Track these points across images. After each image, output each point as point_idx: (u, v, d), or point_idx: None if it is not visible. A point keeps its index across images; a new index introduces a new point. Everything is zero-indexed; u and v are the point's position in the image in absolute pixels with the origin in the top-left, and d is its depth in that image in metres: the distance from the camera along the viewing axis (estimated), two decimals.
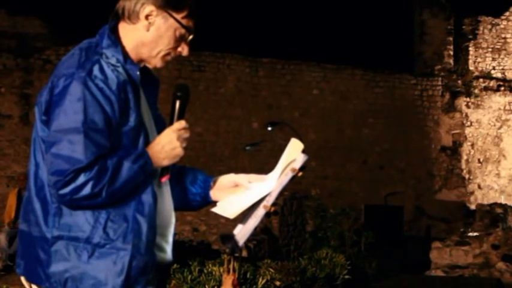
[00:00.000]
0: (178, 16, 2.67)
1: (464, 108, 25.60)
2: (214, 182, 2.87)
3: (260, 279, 8.37)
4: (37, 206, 2.58)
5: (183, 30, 2.69)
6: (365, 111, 24.33)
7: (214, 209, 2.82)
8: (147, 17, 2.65)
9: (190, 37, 2.73)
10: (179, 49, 2.72)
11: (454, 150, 25.24)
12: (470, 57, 26.32)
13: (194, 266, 8.33)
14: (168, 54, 2.71)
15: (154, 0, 2.64)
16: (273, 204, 2.72)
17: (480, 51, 26.47)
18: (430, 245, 14.06)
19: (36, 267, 2.55)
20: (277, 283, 8.78)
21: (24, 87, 20.63)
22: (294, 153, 2.76)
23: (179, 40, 2.70)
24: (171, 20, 2.66)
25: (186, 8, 2.69)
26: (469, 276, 12.96)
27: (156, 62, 2.71)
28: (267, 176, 2.77)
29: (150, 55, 2.68)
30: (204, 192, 2.86)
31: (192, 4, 2.72)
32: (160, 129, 2.67)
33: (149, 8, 2.64)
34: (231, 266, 2.89)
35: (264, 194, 2.71)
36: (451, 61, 25.96)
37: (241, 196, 2.76)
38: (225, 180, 2.86)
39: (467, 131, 25.58)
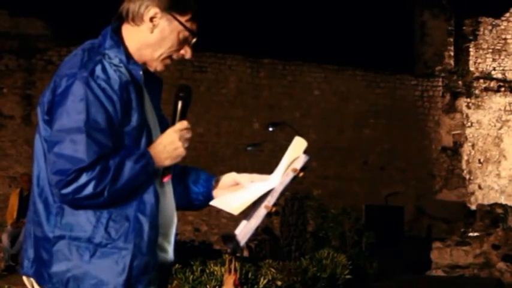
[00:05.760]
0: (183, 19, 2.69)
1: (464, 108, 25.59)
2: (217, 182, 2.88)
3: (261, 279, 8.37)
4: (40, 206, 2.59)
5: (186, 33, 2.71)
6: (366, 112, 24.33)
7: (213, 202, 2.83)
8: (151, 19, 2.66)
9: (194, 40, 2.75)
10: (182, 52, 2.74)
11: (455, 151, 25.23)
12: (470, 58, 26.32)
13: (196, 266, 8.33)
14: (168, 57, 2.73)
15: (159, 3, 2.66)
16: (275, 205, 2.72)
17: (480, 52, 26.46)
18: (430, 245, 14.05)
19: (40, 267, 2.57)
20: (279, 283, 8.79)
21: (26, 88, 20.63)
22: (296, 152, 2.77)
23: (182, 43, 2.72)
24: (175, 23, 2.68)
25: (190, 11, 2.71)
26: (469, 276, 12.96)
27: (156, 65, 2.72)
28: (270, 176, 2.77)
29: (152, 57, 2.70)
30: (207, 192, 2.87)
31: (196, 7, 2.74)
32: (163, 129, 2.68)
33: (154, 10, 2.66)
34: (232, 266, 2.90)
35: (266, 191, 2.72)
36: (452, 62, 25.95)
37: (243, 192, 2.77)
38: (227, 179, 2.87)
39: (467, 131, 25.57)
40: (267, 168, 2.79)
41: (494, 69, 26.45)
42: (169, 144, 2.61)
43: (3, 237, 12.95)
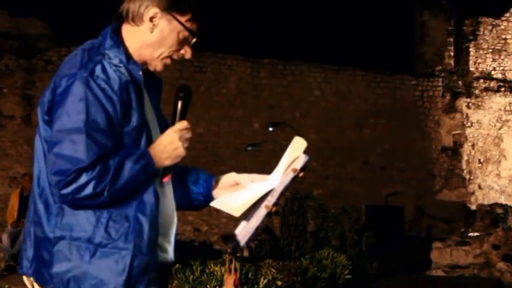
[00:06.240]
0: (182, 19, 2.69)
1: (464, 108, 25.60)
2: (217, 182, 2.88)
3: (261, 279, 8.37)
4: (40, 206, 2.59)
5: (186, 33, 2.71)
6: (366, 112, 24.34)
7: (213, 203, 2.83)
8: (151, 19, 2.67)
9: (194, 40, 2.75)
10: (182, 52, 2.74)
11: (455, 151, 25.24)
12: (470, 58, 26.33)
13: (196, 266, 8.34)
14: (168, 57, 2.73)
15: (159, 3, 2.66)
16: (275, 205, 2.72)
17: (480, 52, 26.47)
18: (430, 245, 14.04)
19: (41, 268, 2.57)
20: (279, 283, 8.79)
21: (26, 88, 20.63)
22: (296, 152, 2.77)
23: (182, 43, 2.72)
24: (175, 23, 2.68)
25: (190, 11, 2.71)
26: (469, 276, 12.95)
27: (156, 65, 2.72)
28: (270, 176, 2.77)
29: (152, 57, 2.70)
30: (207, 192, 2.87)
31: (196, 7, 2.74)
32: (163, 130, 2.68)
33: (154, 10, 2.66)
34: (232, 266, 2.90)
35: (267, 191, 2.72)
36: (452, 62, 25.96)
37: (243, 192, 2.77)
38: (227, 179, 2.87)
39: (467, 131, 25.58)
40: (267, 168, 2.79)
41: (494, 69, 26.46)
42: (169, 144, 2.62)
43: (3, 237, 12.97)
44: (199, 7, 2.75)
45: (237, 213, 2.69)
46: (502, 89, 26.16)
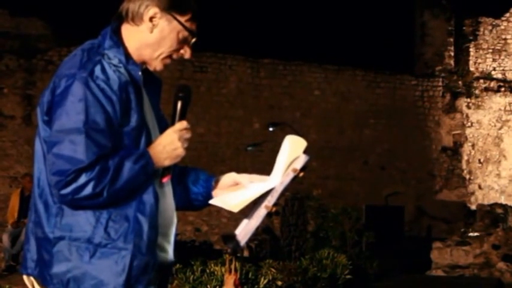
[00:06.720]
0: (182, 19, 2.69)
1: (464, 108, 25.62)
2: (216, 182, 2.88)
3: (262, 279, 8.37)
4: (40, 207, 2.59)
5: (186, 33, 2.71)
6: (366, 112, 24.35)
7: (212, 201, 2.83)
8: (151, 19, 2.66)
9: (193, 40, 2.75)
10: (181, 51, 2.74)
11: (455, 151, 25.25)
12: (470, 58, 26.35)
13: (196, 266, 8.34)
14: (168, 57, 2.73)
15: (159, 3, 2.66)
16: (275, 205, 2.72)
17: (481, 52, 26.49)
18: (430, 245, 14.03)
19: (42, 268, 2.57)
20: (279, 283, 8.79)
21: (26, 88, 20.65)
22: (296, 152, 2.76)
23: (182, 43, 2.72)
24: (175, 23, 2.68)
25: (189, 11, 2.71)
26: (469, 276, 12.95)
27: (156, 65, 2.72)
28: (269, 176, 2.77)
29: (152, 57, 2.70)
30: (206, 192, 2.87)
31: (196, 7, 2.74)
32: (162, 130, 2.68)
33: (153, 10, 2.66)
34: (232, 266, 2.91)
35: (266, 189, 2.71)
36: (452, 62, 25.98)
37: (243, 191, 2.76)
38: (227, 179, 2.87)
39: (467, 131, 25.59)
40: (267, 168, 2.78)
41: (494, 69, 26.48)
42: (169, 145, 2.61)
43: (4, 237, 12.96)
44: (199, 7, 2.75)
45: (235, 209, 2.68)
46: (502, 89, 26.18)
